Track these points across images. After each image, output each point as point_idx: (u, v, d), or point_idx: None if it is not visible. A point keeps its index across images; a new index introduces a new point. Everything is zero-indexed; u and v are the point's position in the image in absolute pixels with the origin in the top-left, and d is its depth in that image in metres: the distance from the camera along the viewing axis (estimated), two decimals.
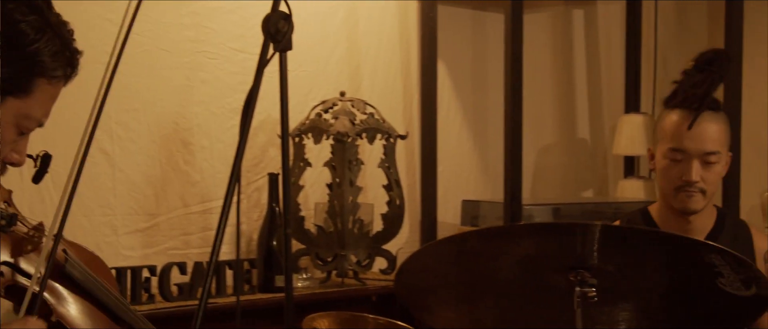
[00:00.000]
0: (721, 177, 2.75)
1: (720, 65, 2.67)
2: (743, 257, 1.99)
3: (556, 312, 2.19)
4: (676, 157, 2.70)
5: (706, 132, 2.67)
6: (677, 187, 2.70)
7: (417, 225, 4.27)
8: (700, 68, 2.70)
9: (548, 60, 4.84)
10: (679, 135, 2.70)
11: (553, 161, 4.91)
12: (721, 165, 2.72)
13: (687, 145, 2.68)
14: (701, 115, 2.66)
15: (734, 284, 2.04)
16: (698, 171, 2.66)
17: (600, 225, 1.96)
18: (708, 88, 2.67)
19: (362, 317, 2.49)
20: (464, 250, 2.14)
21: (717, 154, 2.68)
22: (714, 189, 2.72)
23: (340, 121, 3.61)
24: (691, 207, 2.69)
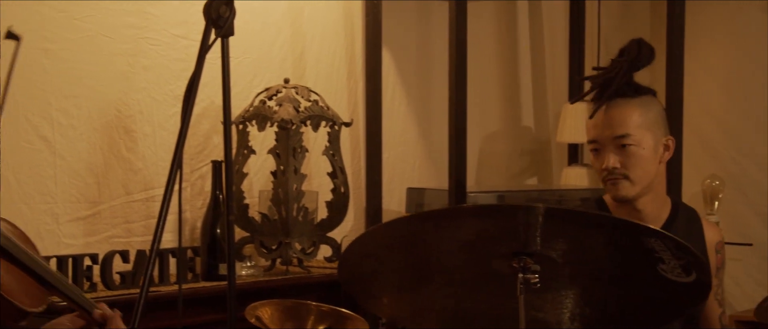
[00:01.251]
0: (652, 162, 2.70)
1: (629, 52, 2.68)
2: (683, 242, 1.99)
3: (500, 297, 2.19)
4: (595, 148, 2.72)
5: (613, 118, 2.67)
6: (603, 178, 2.72)
7: (362, 213, 4.26)
8: (612, 60, 2.73)
9: (493, 48, 4.86)
10: (591, 127, 2.73)
11: (498, 149, 4.93)
12: (646, 149, 2.68)
13: (596, 133, 2.70)
14: (610, 103, 2.67)
15: (675, 270, 2.04)
16: (613, 158, 2.67)
17: (543, 207, 1.95)
18: (612, 76, 2.68)
19: (305, 304, 2.48)
20: (406, 235, 2.12)
21: (629, 136, 2.66)
22: (642, 175, 2.69)
23: (284, 108, 3.59)
24: (620, 194, 2.70)
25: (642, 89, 2.73)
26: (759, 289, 4.54)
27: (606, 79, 2.70)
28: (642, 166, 2.69)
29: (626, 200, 2.71)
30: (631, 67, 2.68)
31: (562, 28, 5.04)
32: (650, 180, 2.72)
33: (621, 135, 2.67)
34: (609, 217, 2.22)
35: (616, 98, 2.69)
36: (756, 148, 4.88)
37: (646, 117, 2.70)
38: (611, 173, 2.69)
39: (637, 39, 2.72)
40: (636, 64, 2.68)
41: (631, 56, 2.68)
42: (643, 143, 2.69)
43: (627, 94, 2.70)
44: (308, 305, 2.49)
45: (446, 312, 2.36)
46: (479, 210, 2.16)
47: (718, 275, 2.88)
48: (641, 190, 2.71)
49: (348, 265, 2.22)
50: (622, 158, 2.68)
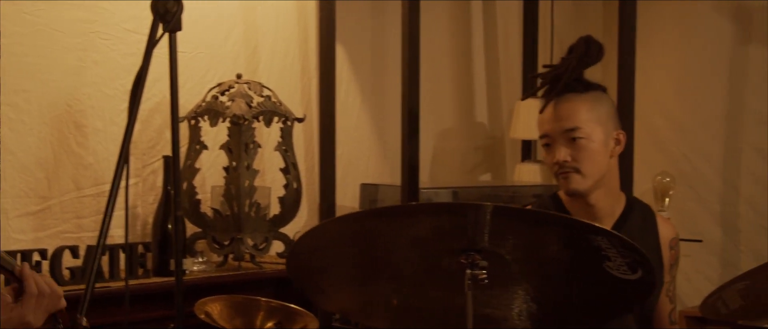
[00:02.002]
0: (604, 156, 2.73)
1: (578, 49, 2.71)
2: (629, 240, 2.00)
3: (449, 293, 2.20)
4: (547, 142, 2.74)
5: (562, 111, 2.70)
6: (555, 173, 2.74)
7: (316, 209, 4.26)
8: (562, 58, 2.77)
9: (447, 45, 4.87)
10: (541, 122, 2.76)
11: (452, 145, 4.94)
12: (597, 143, 2.71)
13: (546, 128, 2.73)
14: (559, 98, 2.71)
15: (621, 268, 2.06)
16: (564, 152, 2.69)
17: (491, 206, 1.96)
18: (561, 72, 2.71)
19: (255, 300, 2.48)
20: (356, 231, 2.12)
21: (579, 130, 2.68)
22: (593, 169, 2.71)
23: (236, 104, 3.58)
24: (572, 188, 2.71)
25: (591, 85, 2.76)
26: (708, 285, 4.57)
27: (555, 75, 2.73)
28: (592, 159, 2.71)
29: (578, 193, 2.73)
30: (579, 63, 2.71)
31: (516, 25, 5.06)
32: (602, 173, 2.74)
33: (571, 128, 2.70)
34: (555, 215, 2.23)
35: (566, 93, 2.72)
36: (707, 145, 4.92)
37: (595, 111, 2.72)
38: (562, 167, 2.71)
39: (586, 36, 2.75)
40: (585, 61, 2.71)
41: (580, 53, 2.71)
42: (592, 136, 2.71)
43: (576, 89, 2.73)
44: (258, 301, 2.49)
45: (396, 307, 2.36)
46: (428, 208, 2.17)
47: (671, 272, 2.90)
48: (593, 184, 2.73)
49: (297, 260, 2.22)
50: (572, 151, 2.70)
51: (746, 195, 4.82)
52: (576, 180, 2.71)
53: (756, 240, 4.74)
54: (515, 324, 2.31)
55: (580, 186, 2.72)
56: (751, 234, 4.79)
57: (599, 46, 2.74)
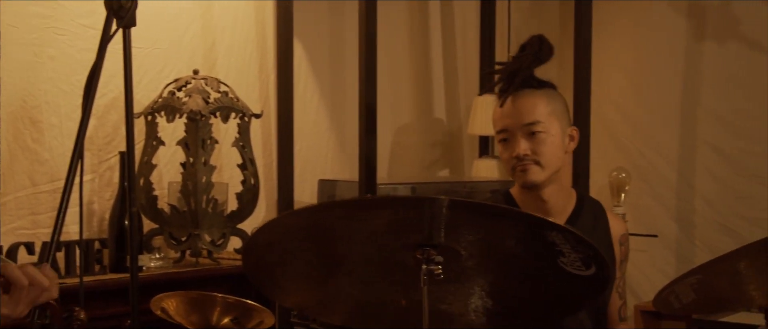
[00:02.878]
0: (561, 150, 2.77)
1: (531, 47, 2.74)
2: (582, 235, 2.01)
3: (405, 288, 2.20)
4: (504, 137, 2.76)
5: (521, 105, 2.73)
6: (513, 166, 2.76)
7: (274, 205, 4.26)
8: (515, 56, 2.79)
9: (405, 41, 4.87)
10: (499, 117, 2.78)
11: (410, 141, 4.95)
12: (554, 137, 2.74)
13: (506, 122, 2.75)
14: (517, 93, 2.74)
15: (575, 263, 2.06)
16: (524, 145, 2.72)
17: (446, 199, 1.96)
18: (517, 68, 2.74)
19: (211, 296, 2.47)
20: (312, 225, 2.12)
21: (538, 124, 2.72)
22: (551, 162, 2.74)
23: (193, 100, 3.58)
24: (530, 179, 2.74)
25: (544, 82, 2.80)
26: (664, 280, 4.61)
27: (512, 71, 2.75)
28: (551, 152, 2.75)
29: (535, 186, 2.75)
30: (534, 60, 2.74)
31: (473, 22, 5.08)
32: (558, 167, 2.78)
33: (531, 122, 2.72)
34: (511, 210, 2.23)
35: (523, 89, 2.74)
36: (662, 141, 4.96)
37: (552, 106, 2.77)
38: (521, 160, 2.73)
39: (538, 35, 2.78)
40: (538, 58, 2.74)
41: (534, 50, 2.73)
42: (551, 130, 2.74)
43: (532, 85, 2.76)
44: (214, 297, 2.48)
45: (353, 302, 2.36)
46: (384, 202, 2.16)
47: (621, 268, 2.93)
48: (549, 176, 2.76)
49: (253, 255, 2.21)
50: (532, 145, 2.73)
51: (701, 190, 4.86)
52: (535, 172, 2.74)
53: (711, 235, 4.79)
54: (471, 319, 2.32)
55: (538, 178, 2.74)
56: (705, 229, 4.83)
57: (550, 46, 2.78)
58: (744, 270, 2.41)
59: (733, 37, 4.69)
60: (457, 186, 4.61)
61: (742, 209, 4.72)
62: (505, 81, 2.77)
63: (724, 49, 4.75)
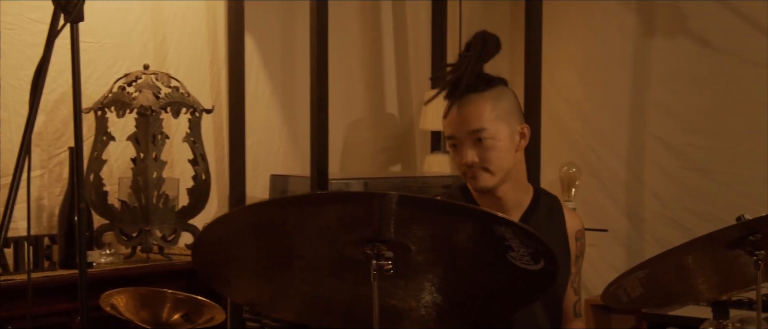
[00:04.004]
0: (510, 152, 2.74)
1: (475, 46, 2.71)
2: (531, 229, 2.01)
3: (356, 284, 2.20)
4: (453, 143, 2.75)
5: (467, 113, 2.69)
6: (463, 173, 2.75)
7: (225, 200, 4.25)
8: (460, 55, 2.74)
9: (356, 36, 4.88)
10: (446, 124, 2.75)
11: (363, 136, 4.95)
12: (501, 141, 2.71)
13: (452, 130, 2.72)
14: (462, 99, 2.69)
15: (524, 258, 2.07)
16: (471, 153, 2.69)
17: (396, 195, 1.96)
18: (460, 73, 2.69)
19: (161, 292, 2.46)
20: (262, 220, 2.11)
21: (484, 130, 2.68)
22: (500, 165, 2.72)
23: (143, 95, 3.56)
24: (480, 186, 2.73)
25: (493, 80, 2.74)
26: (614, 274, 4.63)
27: (456, 77, 2.71)
28: (500, 157, 2.72)
29: (487, 190, 2.75)
30: (479, 60, 2.70)
31: (425, 18, 5.09)
32: (509, 168, 2.76)
33: (476, 129, 2.69)
34: (461, 205, 2.23)
35: (469, 94, 2.71)
36: (612, 137, 5.01)
37: (499, 108, 2.72)
38: (471, 167, 2.72)
39: (482, 32, 2.73)
40: (483, 57, 2.70)
41: (478, 49, 2.70)
42: (498, 135, 2.71)
43: (478, 87, 2.71)
44: (164, 293, 2.47)
45: (304, 298, 2.36)
46: (334, 197, 2.17)
47: (576, 263, 2.94)
48: (501, 179, 2.74)
49: (203, 251, 2.20)
50: (479, 152, 2.70)
51: (650, 185, 4.91)
52: (485, 178, 2.72)
53: (660, 230, 4.84)
54: (421, 314, 2.32)
55: (488, 184, 2.73)
56: (655, 223, 4.88)
57: (496, 39, 2.72)
58: (691, 264, 2.44)
59: (681, 33, 4.74)
60: (408, 181, 4.61)
61: (691, 203, 4.77)
62: (450, 88, 2.73)
63: (673, 45, 4.80)
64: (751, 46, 4.61)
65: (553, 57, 4.93)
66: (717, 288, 2.60)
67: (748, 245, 2.29)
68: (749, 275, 2.35)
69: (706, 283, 2.57)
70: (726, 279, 2.54)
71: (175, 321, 2.48)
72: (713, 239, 2.29)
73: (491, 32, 2.71)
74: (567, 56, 5.14)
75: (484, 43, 2.69)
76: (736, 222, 2.27)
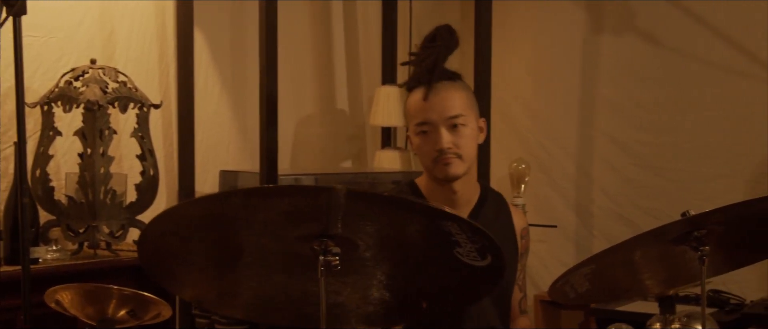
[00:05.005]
0: (477, 142, 2.80)
1: (442, 38, 2.75)
2: (478, 225, 2.01)
3: (304, 281, 2.20)
4: (425, 130, 2.76)
5: (445, 99, 2.74)
6: (434, 159, 2.76)
7: (174, 196, 4.22)
8: (425, 46, 2.79)
9: (307, 31, 4.86)
10: (420, 109, 2.76)
11: (313, 132, 4.94)
12: (472, 129, 2.77)
13: (429, 115, 2.74)
14: (436, 85, 2.74)
15: (471, 254, 2.07)
16: (447, 138, 2.73)
17: (344, 189, 1.95)
18: (434, 60, 2.75)
19: (106, 288, 2.43)
20: (208, 215, 2.09)
21: (461, 117, 2.74)
22: (470, 154, 2.76)
23: (90, 89, 3.53)
24: (452, 173, 2.75)
25: (456, 74, 2.81)
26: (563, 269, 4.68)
27: (431, 63, 2.74)
28: (471, 145, 2.78)
29: (457, 178, 2.77)
30: (447, 51, 2.75)
31: (376, 12, 5.08)
32: (474, 159, 2.80)
33: (454, 115, 2.74)
34: (408, 200, 2.22)
35: (441, 81, 2.75)
36: (562, 133, 5.03)
37: (469, 98, 2.80)
38: (444, 153, 2.73)
39: (446, 25, 2.78)
40: (450, 49, 2.76)
41: (445, 41, 2.74)
42: (470, 123, 2.77)
43: (449, 76, 2.77)
44: (109, 289, 2.44)
45: (252, 294, 2.35)
46: (282, 191, 2.14)
47: (521, 260, 2.97)
48: (467, 169, 2.78)
49: (148, 246, 2.17)
50: (454, 138, 2.74)
51: (599, 181, 4.94)
52: (457, 164, 2.75)
53: (608, 225, 4.87)
54: (369, 310, 2.32)
55: (459, 171, 2.76)
56: (603, 219, 4.91)
57: (457, 36, 2.80)
58: (638, 259, 2.45)
59: (629, 30, 4.77)
60: (359, 177, 4.61)
61: (639, 199, 4.81)
62: (425, 73, 2.76)
63: (621, 42, 4.83)
64: (698, 44, 4.65)
65: (503, 54, 4.94)
66: (663, 284, 2.62)
67: (693, 240, 2.31)
68: (695, 270, 2.36)
69: (652, 278, 2.59)
70: (672, 274, 2.57)
71: (120, 317, 2.45)
72: (659, 234, 2.30)
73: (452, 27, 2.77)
74: (517, 53, 5.16)
75: (450, 36, 2.74)
76: (681, 217, 2.29)
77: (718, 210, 2.26)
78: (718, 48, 4.58)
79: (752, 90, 4.51)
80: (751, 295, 4.22)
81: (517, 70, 5.15)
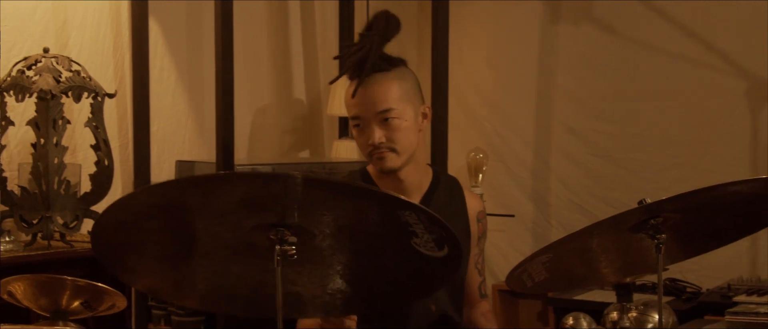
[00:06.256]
0: (415, 132, 2.76)
1: (378, 26, 2.72)
2: (436, 215, 2.00)
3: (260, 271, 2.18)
4: (357, 124, 2.75)
5: (373, 94, 2.71)
6: (369, 153, 2.75)
7: (130, 186, 4.19)
8: (361, 36, 2.76)
9: (263, 20, 4.83)
10: (351, 105, 2.75)
11: (270, 122, 4.92)
12: (407, 121, 2.74)
13: (359, 111, 2.73)
14: (367, 80, 2.70)
15: (428, 244, 2.05)
16: (379, 133, 2.71)
17: (300, 176, 1.93)
18: (365, 53, 2.70)
19: (60, 279, 2.40)
20: (162, 204, 2.07)
21: (392, 111, 2.71)
22: (406, 146, 2.74)
23: (43, 79, 3.49)
24: (387, 166, 2.74)
25: (394, 60, 2.77)
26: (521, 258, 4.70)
27: (361, 57, 2.71)
28: (406, 138, 2.74)
29: (394, 171, 2.75)
30: (382, 40, 2.71)
31: (333, 2, 5.06)
32: (414, 149, 2.78)
33: (384, 110, 2.71)
34: (366, 188, 2.20)
35: (374, 73, 2.71)
36: (520, 123, 5.04)
37: (404, 89, 2.75)
38: (377, 148, 2.72)
39: (384, 11, 2.74)
40: (386, 36, 2.72)
41: (381, 29, 2.70)
42: (404, 115, 2.73)
43: (383, 67, 2.73)
44: (63, 280, 2.41)
45: (208, 285, 2.33)
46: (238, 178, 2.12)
47: (479, 244, 2.96)
48: (406, 160, 2.76)
49: (102, 236, 2.15)
50: (386, 132, 2.71)
51: (556, 170, 4.95)
52: (391, 158, 2.73)
53: (566, 214, 4.89)
54: (326, 301, 2.31)
55: (394, 164, 2.74)
56: (560, 208, 4.93)
57: (397, 20, 2.74)
58: (595, 247, 2.46)
59: (586, 19, 4.79)
60: (316, 167, 4.60)
61: (596, 189, 4.82)
62: (355, 68, 2.73)
63: (578, 31, 4.84)
64: (654, 34, 4.67)
65: (461, 43, 4.94)
66: (620, 272, 2.63)
67: (650, 228, 2.32)
68: (651, 259, 2.38)
69: (609, 267, 2.60)
70: (629, 262, 2.57)
71: (74, 308, 2.43)
72: (616, 222, 2.31)
73: (392, 13, 2.72)
74: (475, 43, 5.15)
75: (387, 23, 2.70)
76: (638, 205, 2.29)
77: (675, 198, 2.27)
78: (675, 38, 4.61)
79: (708, 79, 4.54)
80: (707, 284, 4.25)
81: (475, 60, 5.14)
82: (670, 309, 3.33)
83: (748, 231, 2.66)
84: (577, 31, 4.85)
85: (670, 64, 4.63)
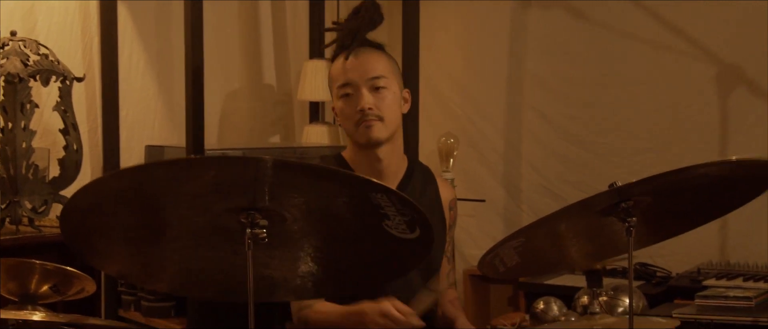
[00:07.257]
0: (400, 110, 2.83)
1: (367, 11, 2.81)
2: (407, 197, 2.00)
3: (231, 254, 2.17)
4: (347, 92, 2.78)
5: (366, 60, 2.78)
6: (356, 122, 2.76)
7: (99, 171, 4.17)
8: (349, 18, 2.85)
9: (233, 4, 4.81)
10: (342, 71, 2.80)
11: (240, 106, 4.90)
12: (394, 94, 2.80)
13: (351, 76, 2.78)
14: (358, 49, 2.79)
15: (400, 226, 2.06)
16: (369, 99, 2.75)
17: (270, 159, 1.93)
18: (357, 26, 2.81)
19: (29, 263, 2.40)
20: (132, 188, 2.05)
21: (383, 78, 2.78)
22: (393, 118, 2.78)
23: (10, 62, 3.47)
24: (374, 136, 2.76)
25: (379, 44, 2.86)
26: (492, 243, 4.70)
27: (353, 28, 2.80)
28: (393, 109, 2.80)
29: (379, 143, 2.76)
30: (369, 23, 2.79)
31: None
32: (397, 126, 2.83)
33: (376, 76, 2.77)
34: (336, 171, 2.20)
35: (365, 47, 2.80)
36: (490, 108, 5.03)
37: (391, 65, 2.84)
38: (366, 115, 2.74)
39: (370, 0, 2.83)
40: (373, 22, 2.81)
41: (369, 14, 2.79)
42: (392, 87, 2.80)
43: (372, 45, 2.83)
44: (32, 263, 2.40)
45: (178, 269, 2.32)
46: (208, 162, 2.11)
47: (449, 233, 2.97)
48: (390, 134, 2.79)
49: (71, 220, 2.13)
50: (376, 99, 2.76)
51: (527, 155, 4.95)
52: (379, 128, 2.77)
53: (537, 200, 4.89)
54: (298, 284, 2.30)
55: (381, 135, 2.78)
56: (531, 193, 4.93)
57: (381, 12, 2.86)
58: (565, 231, 2.46)
59: (556, 5, 4.78)
60: (287, 151, 4.59)
61: (567, 174, 4.83)
62: (347, 38, 2.81)
63: (548, 16, 4.84)
64: (625, 19, 4.67)
65: (432, 29, 4.93)
66: (591, 256, 2.64)
67: (621, 212, 2.32)
68: (622, 243, 2.38)
69: (580, 251, 2.60)
70: (600, 247, 2.58)
71: (43, 292, 2.42)
72: (586, 206, 2.31)
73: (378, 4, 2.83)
74: (445, 28, 5.14)
75: (374, 11, 2.79)
76: (609, 188, 2.29)
77: (645, 180, 2.28)
78: (645, 22, 4.61)
79: (678, 64, 4.55)
80: (676, 268, 4.26)
81: (445, 45, 5.13)
82: (641, 293, 3.37)
83: (718, 213, 2.67)
84: (547, 17, 4.85)
85: (640, 49, 4.63)
